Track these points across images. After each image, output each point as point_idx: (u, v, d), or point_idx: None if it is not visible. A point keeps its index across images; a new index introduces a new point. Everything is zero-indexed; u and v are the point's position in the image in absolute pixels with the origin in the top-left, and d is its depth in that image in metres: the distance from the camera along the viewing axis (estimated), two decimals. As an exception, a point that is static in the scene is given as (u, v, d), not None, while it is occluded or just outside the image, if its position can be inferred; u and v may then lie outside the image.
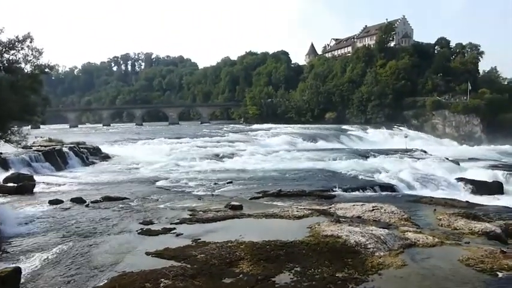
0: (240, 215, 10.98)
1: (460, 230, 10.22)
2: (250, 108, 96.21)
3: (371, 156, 32.94)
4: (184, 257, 7.41)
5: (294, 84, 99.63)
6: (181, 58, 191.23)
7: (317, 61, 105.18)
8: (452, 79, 79.16)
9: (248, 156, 31.58)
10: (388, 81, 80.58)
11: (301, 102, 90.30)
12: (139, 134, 55.85)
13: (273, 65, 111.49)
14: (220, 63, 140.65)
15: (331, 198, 15.64)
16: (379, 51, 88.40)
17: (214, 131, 59.50)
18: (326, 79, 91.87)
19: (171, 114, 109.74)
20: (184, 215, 11.04)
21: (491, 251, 7.84)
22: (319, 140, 51.12)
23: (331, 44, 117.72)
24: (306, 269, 6.77)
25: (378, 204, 12.10)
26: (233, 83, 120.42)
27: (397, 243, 8.14)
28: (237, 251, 7.62)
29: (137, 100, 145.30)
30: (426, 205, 14.25)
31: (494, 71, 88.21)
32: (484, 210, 13.76)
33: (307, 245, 7.87)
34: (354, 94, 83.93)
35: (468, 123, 71.08)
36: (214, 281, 6.41)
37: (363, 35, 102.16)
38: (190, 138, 44.67)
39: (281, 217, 10.54)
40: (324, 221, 9.69)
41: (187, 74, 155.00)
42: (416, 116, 77.13)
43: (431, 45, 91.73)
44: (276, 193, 16.01)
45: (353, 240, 8.00)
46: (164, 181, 20.19)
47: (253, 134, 53.08)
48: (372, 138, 60.41)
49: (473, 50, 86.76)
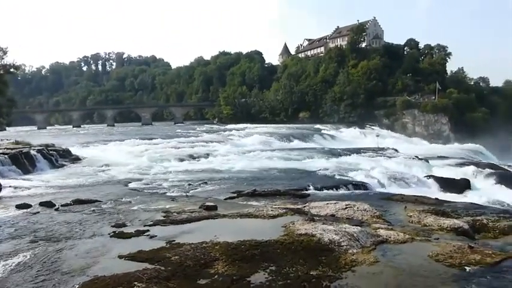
0: (215, 215, 10.92)
1: (430, 227, 10.51)
2: (225, 108, 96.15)
3: (344, 155, 33.48)
4: (158, 259, 7.30)
5: (267, 84, 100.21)
6: (153, 58, 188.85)
7: (290, 61, 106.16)
8: (422, 79, 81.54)
9: (223, 156, 31.52)
10: (360, 81, 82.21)
11: (275, 102, 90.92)
12: (111, 135, 54.82)
13: (246, 65, 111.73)
14: (194, 63, 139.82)
15: (305, 197, 15.77)
16: (351, 51, 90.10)
17: (188, 131, 59.06)
18: (299, 79, 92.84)
19: (143, 114, 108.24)
20: (158, 217, 10.89)
21: (460, 247, 8.08)
22: (293, 140, 51.55)
23: (304, 44, 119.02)
24: (281, 268, 6.79)
25: (351, 202, 12.29)
26: (207, 83, 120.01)
27: (369, 240, 8.29)
28: (212, 251, 7.58)
29: (109, 101, 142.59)
30: (397, 202, 14.55)
31: (461, 72, 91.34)
32: (453, 206, 14.16)
33: (281, 244, 7.90)
34: (327, 94, 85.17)
35: (437, 122, 73.26)
36: (189, 282, 6.35)
37: (335, 36, 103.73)
38: (163, 138, 44.17)
39: (256, 217, 10.55)
40: (298, 220, 9.76)
41: (160, 74, 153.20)
42: (387, 115, 78.98)
43: (401, 46, 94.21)
44: (250, 193, 16.02)
45: (327, 238, 8.09)
46: (137, 182, 19.88)
47: (227, 134, 53.01)
48: (345, 137, 61.43)
49: (441, 51, 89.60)
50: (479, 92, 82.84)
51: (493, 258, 7.52)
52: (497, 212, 13.31)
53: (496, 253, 7.89)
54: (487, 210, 13.94)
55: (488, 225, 11.30)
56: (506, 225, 11.20)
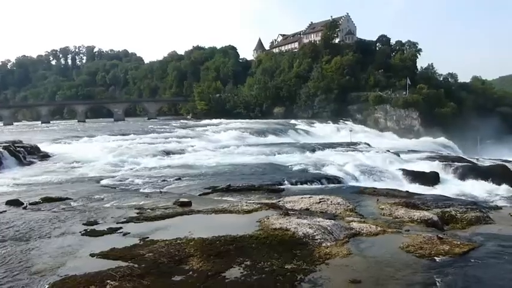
0: (189, 211, 10.84)
1: (401, 219, 10.76)
2: (199, 104, 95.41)
3: (318, 149, 33.80)
4: (131, 257, 7.19)
5: (242, 79, 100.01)
6: (125, 52, 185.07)
7: (265, 56, 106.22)
8: (393, 75, 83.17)
9: (197, 152, 31.27)
10: (333, 77, 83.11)
11: (249, 97, 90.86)
12: (82, 131, 53.49)
13: (221, 60, 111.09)
14: (167, 58, 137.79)
15: (280, 192, 15.85)
16: (325, 47, 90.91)
17: (162, 127, 58.30)
18: (274, 74, 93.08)
19: (116, 110, 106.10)
20: (131, 214, 10.72)
21: (429, 238, 8.32)
22: (268, 135, 51.66)
23: (279, 40, 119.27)
24: (256, 263, 6.81)
25: (325, 196, 12.43)
26: (181, 78, 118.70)
27: (342, 233, 8.42)
28: (186, 248, 7.52)
29: (79, 96, 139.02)
30: (370, 196, 14.81)
31: (431, 68, 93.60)
32: (423, 199, 14.53)
33: (256, 239, 7.92)
34: (301, 89, 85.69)
35: (408, 117, 74.97)
36: (163, 279, 6.29)
37: (309, 31, 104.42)
38: (136, 134, 43.43)
39: (230, 212, 10.54)
40: (273, 215, 9.81)
41: (133, 68, 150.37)
42: (360, 110, 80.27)
43: (373, 42, 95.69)
44: (225, 188, 15.99)
45: (301, 232, 8.17)
46: (109, 179, 19.47)
47: (202, 129, 52.64)
48: (319, 132, 62.06)
49: (412, 48, 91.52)
50: (448, 88, 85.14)
51: (461, 248, 7.78)
52: (465, 204, 13.73)
53: (464, 243, 8.16)
54: (455, 202, 14.37)
55: (457, 216, 11.66)
56: (473, 216, 11.60)
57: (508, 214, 12.67)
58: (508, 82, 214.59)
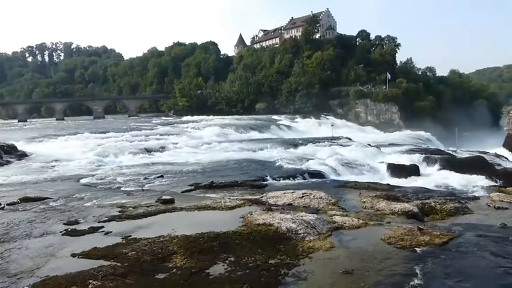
0: (172, 208, 10.76)
1: (382, 211, 10.94)
2: (180, 100, 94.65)
3: (300, 144, 34.01)
4: (114, 256, 7.10)
5: (223, 75, 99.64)
6: (104, 48, 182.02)
7: (246, 52, 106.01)
8: (373, 69, 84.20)
9: (179, 149, 31.08)
10: (314, 72, 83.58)
11: (231, 93, 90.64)
12: (61, 130, 52.48)
13: (202, 56, 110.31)
14: (147, 54, 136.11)
15: (263, 188, 15.90)
16: (306, 42, 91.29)
17: (143, 124, 57.69)
18: (255, 70, 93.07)
19: (95, 107, 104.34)
20: (113, 212, 10.57)
21: (410, 229, 8.47)
22: (250, 131, 51.72)
23: (260, 35, 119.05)
24: (240, 259, 6.82)
25: (308, 191, 12.53)
26: (161, 75, 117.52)
27: (325, 227, 8.50)
28: (169, 245, 7.47)
29: (57, 93, 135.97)
30: (351, 189, 15.00)
31: (410, 62, 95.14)
32: (403, 191, 14.79)
33: (240, 235, 7.93)
34: (282, 85, 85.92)
35: (388, 111, 76.10)
36: (146, 277, 6.23)
37: (289, 27, 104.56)
38: (117, 132, 42.87)
39: (214, 208, 10.51)
40: (256, 210, 9.82)
41: (112, 65, 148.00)
42: (341, 105, 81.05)
43: (353, 37, 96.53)
44: (208, 185, 15.93)
45: (284, 227, 8.20)
46: (90, 178, 19.17)
47: (183, 126, 52.32)
48: (301, 127, 62.45)
49: (391, 42, 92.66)
50: (426, 82, 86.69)
51: (441, 238, 7.95)
52: (444, 195, 14.05)
53: (443, 234, 8.34)
54: (434, 193, 14.68)
55: (436, 207, 11.93)
56: (452, 207, 11.88)
57: (486, 204, 13.01)
58: (484, 75, 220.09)
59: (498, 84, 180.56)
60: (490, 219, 11.00)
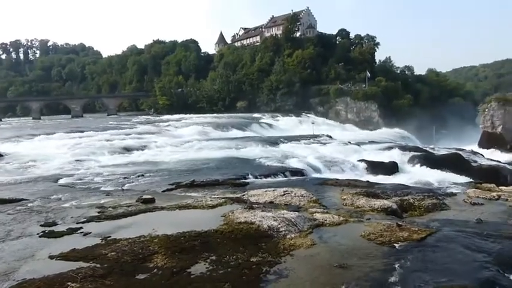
0: (153, 208, 10.65)
1: (362, 208, 11.08)
2: (160, 99, 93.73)
3: (281, 142, 34.15)
4: (93, 257, 6.99)
5: (204, 74, 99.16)
6: (82, 46, 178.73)
7: (227, 50, 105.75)
8: (353, 68, 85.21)
9: (159, 148, 30.79)
10: (295, 70, 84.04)
11: (212, 92, 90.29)
12: (37, 129, 51.26)
13: (182, 54, 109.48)
14: (127, 52, 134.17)
15: (244, 186, 15.89)
16: (286, 41, 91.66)
17: (122, 123, 56.91)
18: (236, 68, 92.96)
19: (73, 106, 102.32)
20: (92, 213, 10.40)
21: (389, 225, 8.61)
22: (231, 129, 51.65)
23: (240, 33, 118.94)
24: (222, 257, 6.81)
25: (289, 189, 12.59)
26: (141, 73, 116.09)
27: (306, 224, 8.56)
28: (150, 245, 7.40)
29: (33, 92, 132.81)
30: (332, 187, 15.13)
31: (389, 61, 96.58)
32: (382, 188, 15.01)
33: (221, 233, 7.91)
34: (263, 83, 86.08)
35: (367, 109, 77.16)
36: (127, 278, 6.16)
37: (270, 25, 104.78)
38: (96, 131, 42.19)
39: (195, 207, 10.46)
40: (237, 209, 9.82)
41: (90, 63, 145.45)
42: (321, 103, 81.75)
43: (333, 36, 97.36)
44: (189, 184, 15.84)
45: (266, 224, 8.23)
46: (68, 178, 18.78)
47: (164, 124, 51.85)
48: (282, 125, 62.72)
49: (370, 41, 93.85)
50: (405, 80, 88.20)
51: (419, 234, 8.11)
52: (422, 192, 14.33)
53: (421, 230, 8.51)
54: (413, 190, 14.96)
55: (415, 204, 12.16)
56: (430, 203, 12.13)
57: (462, 200, 13.32)
58: (461, 74, 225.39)
59: (474, 83, 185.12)
60: (466, 214, 11.26)
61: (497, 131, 53.91)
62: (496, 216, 11.09)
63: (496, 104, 54.69)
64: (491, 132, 54.44)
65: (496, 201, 13.21)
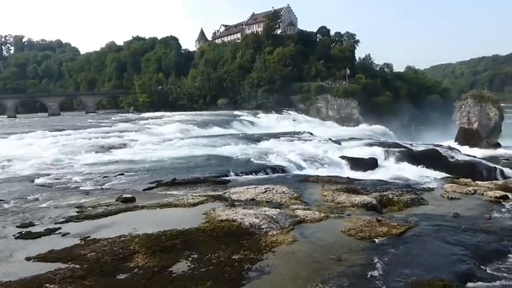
0: (133, 207, 10.53)
1: (343, 204, 11.21)
2: (140, 96, 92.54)
3: (262, 140, 34.19)
4: (72, 258, 6.87)
5: (185, 71, 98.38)
6: (59, 42, 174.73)
7: (207, 47, 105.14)
8: (333, 65, 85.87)
9: (140, 146, 30.41)
10: (276, 67, 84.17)
11: (193, 89, 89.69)
12: (12, 127, 50.05)
13: (162, 51, 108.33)
14: (105, 49, 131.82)
15: (226, 183, 15.87)
16: (267, 38, 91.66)
17: (101, 121, 56.04)
18: (217, 65, 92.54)
19: (50, 104, 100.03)
20: (71, 213, 10.22)
21: (369, 221, 8.74)
22: (212, 127, 51.49)
23: (221, 30, 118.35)
24: (203, 255, 6.79)
25: (270, 186, 12.63)
26: (120, 70, 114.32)
27: (288, 221, 8.60)
28: (131, 244, 7.32)
29: (8, 89, 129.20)
30: (313, 183, 15.24)
31: (368, 58, 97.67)
32: (362, 184, 15.19)
33: (203, 231, 7.89)
34: (244, 80, 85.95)
35: (347, 106, 77.99)
36: (107, 278, 6.08)
37: (251, 22, 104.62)
38: (74, 129, 41.38)
39: (176, 206, 10.39)
40: (219, 206, 9.80)
41: (68, 60, 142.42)
42: (302, 100, 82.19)
43: (313, 33, 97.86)
44: (170, 182, 15.72)
45: (247, 222, 8.24)
46: (45, 178, 18.37)
47: (144, 122, 51.25)
48: (263, 122, 62.83)
49: (350, 39, 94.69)
50: (384, 77, 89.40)
51: (398, 229, 8.26)
52: (401, 187, 14.58)
53: (400, 224, 8.67)
54: (392, 185, 15.19)
55: (394, 199, 12.36)
56: (408, 199, 12.35)
57: (440, 195, 13.61)
58: (438, 71, 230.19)
59: (451, 80, 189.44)
60: (443, 209, 11.51)
61: (473, 127, 55.26)
62: (473, 211, 11.38)
63: (472, 101, 56.04)
64: (467, 128, 55.77)
65: (473, 196, 13.54)
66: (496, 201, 12.60)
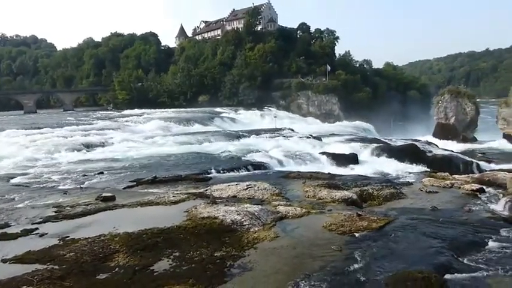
0: (113, 206, 10.40)
1: (324, 199, 11.32)
2: (120, 93, 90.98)
3: (244, 136, 34.16)
4: (50, 258, 6.75)
5: (165, 67, 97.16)
6: (34, 38, 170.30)
7: (187, 43, 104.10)
8: (314, 62, 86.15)
9: (120, 144, 29.97)
10: (257, 64, 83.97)
11: (173, 86, 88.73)
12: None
13: (141, 47, 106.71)
14: (83, 45, 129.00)
15: (207, 181, 15.82)
16: (248, 34, 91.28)
17: (80, 119, 54.93)
18: (197, 62, 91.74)
19: (26, 101, 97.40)
20: (49, 213, 10.02)
21: (349, 215, 8.86)
22: (193, 124, 51.12)
23: (201, 27, 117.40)
24: (185, 253, 6.77)
25: (252, 183, 12.67)
26: (99, 67, 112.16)
27: (269, 217, 8.64)
28: (111, 244, 7.23)
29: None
30: (295, 179, 15.34)
31: (348, 55, 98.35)
32: (343, 179, 15.38)
33: (185, 229, 7.86)
34: (225, 77, 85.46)
35: (328, 102, 78.47)
36: (87, 278, 6.00)
37: (231, 18, 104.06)
38: (51, 127, 40.39)
39: (157, 204, 10.30)
40: (200, 204, 9.77)
41: (44, 56, 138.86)
42: (283, 96, 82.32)
43: (294, 29, 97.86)
44: (151, 180, 15.57)
45: (229, 219, 8.24)
46: (22, 177, 17.93)
47: (124, 120, 50.49)
48: (244, 119, 62.66)
49: (330, 35, 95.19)
50: (363, 73, 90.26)
51: (378, 223, 8.40)
52: (381, 182, 14.82)
53: (380, 218, 8.81)
54: (372, 180, 15.42)
55: (373, 194, 12.57)
56: (388, 193, 12.57)
57: (418, 189, 13.90)
58: (416, 67, 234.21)
59: (429, 76, 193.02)
60: (422, 202, 11.76)
61: (450, 122, 56.43)
62: (450, 204, 11.66)
63: (449, 96, 57.16)
64: (444, 123, 56.91)
65: (450, 189, 13.88)
66: (472, 194, 12.96)
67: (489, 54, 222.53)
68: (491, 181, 15.41)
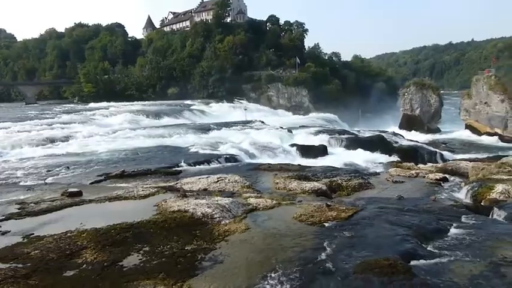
0: (80, 201, 10.14)
1: (294, 191, 11.46)
2: (85, 86, 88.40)
3: (214, 129, 34.08)
4: (14, 257, 6.52)
5: (132, 59, 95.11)
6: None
7: (155, 35, 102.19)
8: (283, 54, 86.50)
9: (86, 138, 29.25)
10: (226, 56, 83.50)
11: (141, 78, 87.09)
12: None
13: (107, 39, 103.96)
14: (45, 36, 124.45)
15: (177, 174, 15.70)
16: (217, 26, 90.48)
17: (43, 113, 53.08)
18: (166, 54, 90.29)
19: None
20: (11, 210, 9.66)
21: (319, 206, 9.00)
22: (163, 117, 50.51)
23: (169, 18, 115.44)
24: (155, 248, 6.70)
25: (223, 175, 12.65)
26: (62, 58, 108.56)
27: (240, 209, 8.66)
28: (78, 240, 7.06)
29: None
30: (265, 171, 15.44)
31: (317, 47, 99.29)
32: (313, 171, 15.60)
33: (154, 223, 7.77)
34: (195, 69, 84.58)
35: (298, 95, 79.08)
36: (53, 276, 5.83)
37: (200, 10, 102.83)
38: (13, 122, 38.87)
39: (126, 198, 10.13)
40: (170, 197, 9.68)
41: (3, 47, 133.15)
42: (253, 89, 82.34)
43: (263, 22, 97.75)
44: (119, 174, 15.29)
45: (200, 212, 8.20)
46: (-18, 174, 17.24)
47: (90, 113, 49.16)
48: (215, 112, 62.39)
49: (299, 28, 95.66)
50: (332, 66, 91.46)
51: (347, 213, 8.58)
52: (349, 172, 15.13)
53: (348, 208, 9.00)
54: (341, 171, 15.73)
55: (342, 184, 12.82)
56: (356, 184, 12.85)
57: (385, 179, 14.28)
58: (383, 60, 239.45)
59: (395, 69, 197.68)
60: (388, 192, 12.10)
61: (415, 113, 58.15)
62: (415, 193, 12.05)
63: (414, 88, 58.86)
64: (410, 114, 58.60)
65: (415, 179, 14.34)
66: (436, 183, 13.44)
67: (452, 47, 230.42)
68: (454, 170, 16.03)
